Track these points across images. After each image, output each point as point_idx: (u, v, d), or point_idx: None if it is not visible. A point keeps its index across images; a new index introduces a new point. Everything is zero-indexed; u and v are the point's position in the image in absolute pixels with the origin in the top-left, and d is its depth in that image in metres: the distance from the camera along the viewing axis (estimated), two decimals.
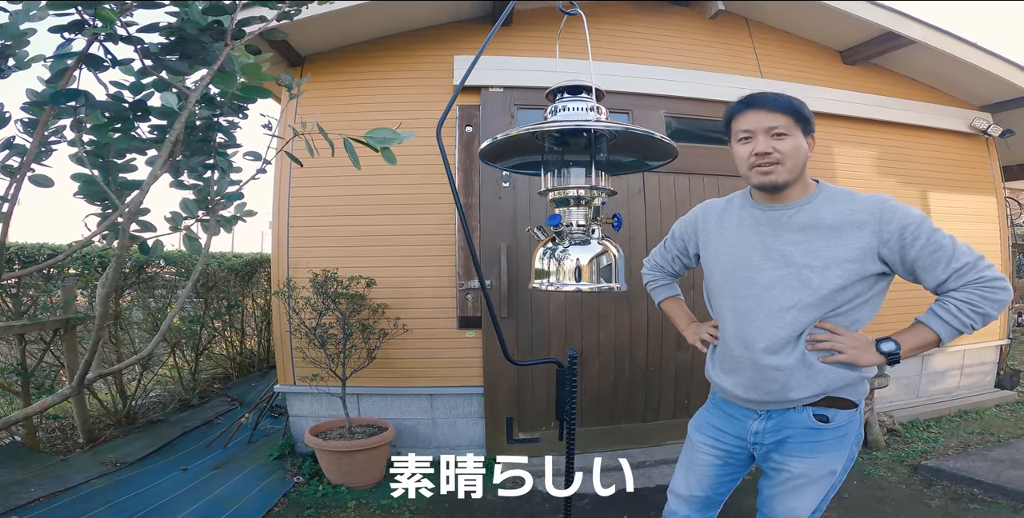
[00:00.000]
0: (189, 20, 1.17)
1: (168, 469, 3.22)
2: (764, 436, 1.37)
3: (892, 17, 3.63)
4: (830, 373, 1.29)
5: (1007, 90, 4.11)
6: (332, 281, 2.92)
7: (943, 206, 4.18)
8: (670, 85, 3.41)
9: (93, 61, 1.15)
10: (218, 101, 1.38)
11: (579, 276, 1.22)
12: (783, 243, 1.32)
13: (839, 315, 1.30)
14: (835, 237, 1.27)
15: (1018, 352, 5.98)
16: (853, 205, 1.29)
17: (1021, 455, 3.19)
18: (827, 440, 1.32)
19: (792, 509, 1.36)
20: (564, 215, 1.26)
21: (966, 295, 1.21)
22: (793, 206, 1.33)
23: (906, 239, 1.22)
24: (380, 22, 3.28)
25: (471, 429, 3.29)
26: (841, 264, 1.26)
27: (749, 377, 1.34)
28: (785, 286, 1.30)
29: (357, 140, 1.36)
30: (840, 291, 1.27)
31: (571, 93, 1.37)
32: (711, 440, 1.48)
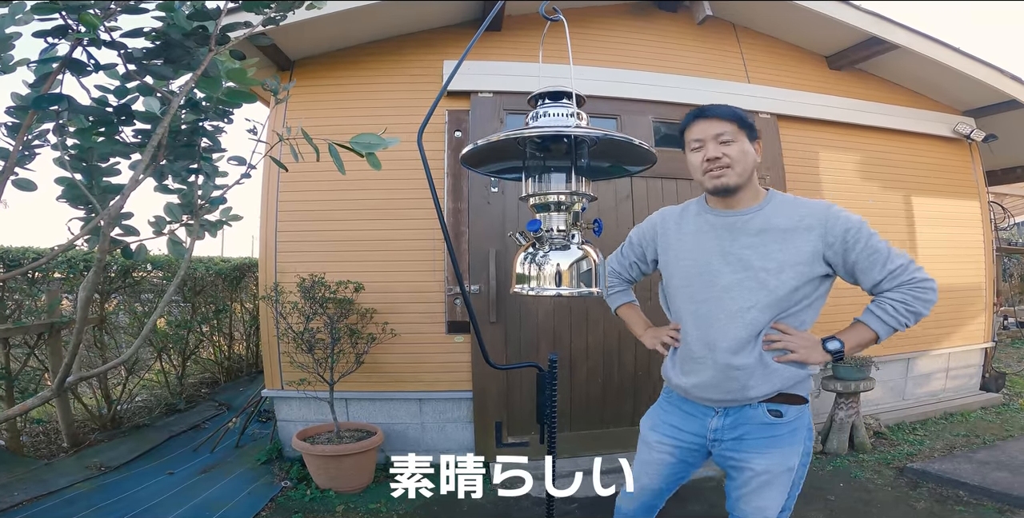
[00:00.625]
0: (174, 25, 1.17)
1: (154, 473, 3.20)
2: (723, 432, 1.43)
3: (876, 22, 3.68)
4: (784, 371, 1.37)
5: (990, 95, 4.17)
6: (320, 286, 2.91)
7: (927, 211, 4.23)
8: (658, 90, 3.44)
9: (76, 66, 1.15)
10: (203, 106, 1.38)
11: (559, 281, 1.22)
12: (740, 247, 1.39)
13: (790, 316, 1.38)
14: (787, 240, 1.36)
15: (1003, 355, 6.05)
16: (803, 211, 1.39)
17: (1006, 457, 3.22)
18: (781, 435, 1.40)
19: (760, 509, 1.42)
20: (544, 220, 1.27)
21: (900, 295, 1.33)
22: (748, 212, 1.41)
23: (848, 242, 1.33)
24: (370, 27, 3.28)
25: (460, 433, 3.28)
26: (794, 266, 1.34)
27: (711, 377, 1.40)
28: (744, 288, 1.37)
29: (342, 145, 1.36)
30: (793, 292, 1.35)
31: (552, 99, 1.37)
32: (668, 439, 1.52)
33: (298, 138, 1.40)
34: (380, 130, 3.03)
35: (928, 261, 4.16)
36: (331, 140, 1.31)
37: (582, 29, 3.59)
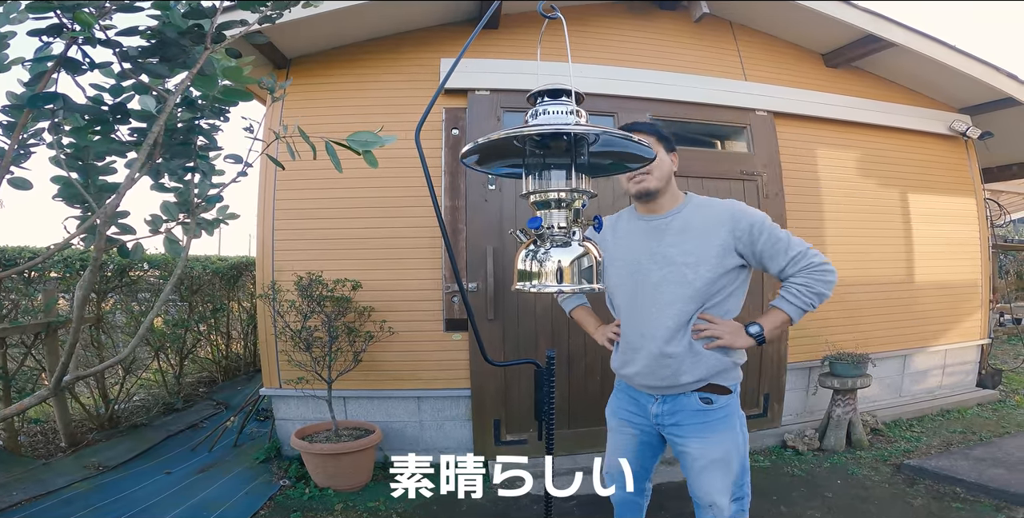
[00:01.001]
0: (169, 24, 1.16)
1: (152, 473, 3.19)
2: (663, 418, 1.60)
3: (873, 20, 3.68)
4: (710, 359, 1.54)
5: (986, 92, 4.18)
6: (317, 284, 2.91)
7: (924, 208, 4.24)
8: (656, 88, 3.44)
9: (71, 64, 1.15)
10: (199, 104, 1.37)
11: (560, 278, 1.22)
12: (665, 246, 1.56)
13: (714, 306, 1.55)
14: (702, 237, 1.53)
15: (999, 351, 6.06)
16: (714, 210, 1.57)
17: (1003, 454, 3.23)
18: (713, 421, 1.55)
19: (707, 493, 1.57)
20: (545, 217, 1.27)
21: (803, 279, 1.50)
22: (669, 215, 1.60)
23: (754, 234, 1.51)
24: (366, 25, 3.27)
25: (459, 431, 3.28)
26: (709, 260, 1.51)
27: (646, 364, 1.56)
28: (670, 282, 1.54)
29: (339, 143, 1.36)
30: (711, 283, 1.52)
31: (551, 97, 1.36)
32: (626, 422, 1.69)
33: (295, 136, 1.40)
34: (377, 128, 3.01)
35: (924, 258, 4.19)
36: (328, 138, 1.30)
37: (580, 27, 3.58)
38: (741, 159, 3.61)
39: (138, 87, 1.24)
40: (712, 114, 3.58)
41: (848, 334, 3.86)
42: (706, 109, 3.54)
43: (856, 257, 3.97)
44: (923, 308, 4.22)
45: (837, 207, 3.93)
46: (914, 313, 4.19)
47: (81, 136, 1.26)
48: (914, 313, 4.19)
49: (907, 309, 4.16)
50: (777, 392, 3.59)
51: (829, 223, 3.90)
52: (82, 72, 1.17)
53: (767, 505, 2.74)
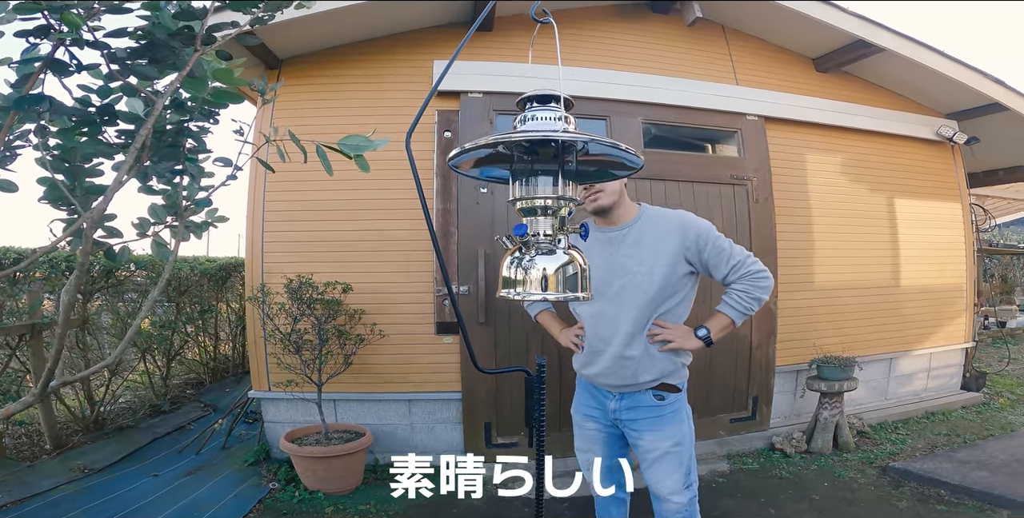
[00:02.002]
0: (159, 24, 1.15)
1: (139, 475, 3.17)
2: (621, 413, 1.73)
3: (862, 25, 3.71)
4: (664, 360, 1.68)
5: (972, 98, 4.23)
6: (307, 287, 2.89)
7: (910, 213, 4.29)
8: (647, 92, 3.45)
9: (58, 66, 1.13)
10: (189, 106, 1.36)
11: (545, 286, 1.22)
12: (621, 257, 1.68)
13: (667, 312, 1.68)
14: (655, 247, 1.66)
15: (984, 354, 6.14)
16: (665, 221, 1.69)
17: (986, 456, 3.27)
18: (665, 415, 1.70)
19: (658, 482, 1.71)
20: (531, 224, 1.27)
21: (743, 286, 1.64)
22: (625, 227, 1.71)
23: (700, 243, 1.64)
24: (359, 25, 3.25)
25: (450, 434, 3.28)
26: (661, 267, 1.64)
27: (607, 366, 1.69)
28: (627, 291, 1.65)
29: (330, 147, 1.35)
30: (665, 289, 1.65)
31: (540, 102, 1.36)
32: (589, 417, 1.82)
33: (285, 139, 1.39)
34: (369, 131, 3.00)
35: (910, 262, 4.24)
36: (319, 141, 1.30)
37: (573, 30, 3.59)
38: (732, 164, 3.63)
39: (126, 89, 1.22)
40: (704, 118, 3.59)
41: (835, 337, 3.90)
42: (698, 113, 3.56)
43: (843, 261, 4.02)
44: (909, 312, 4.27)
45: (825, 211, 3.96)
46: (900, 317, 4.24)
47: (68, 137, 1.25)
48: (900, 317, 4.24)
49: (893, 313, 4.21)
50: (766, 395, 3.62)
51: (817, 227, 3.93)
52: (69, 74, 1.15)
53: (755, 508, 2.77)
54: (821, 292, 3.92)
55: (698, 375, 3.30)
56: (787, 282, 3.72)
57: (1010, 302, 6.67)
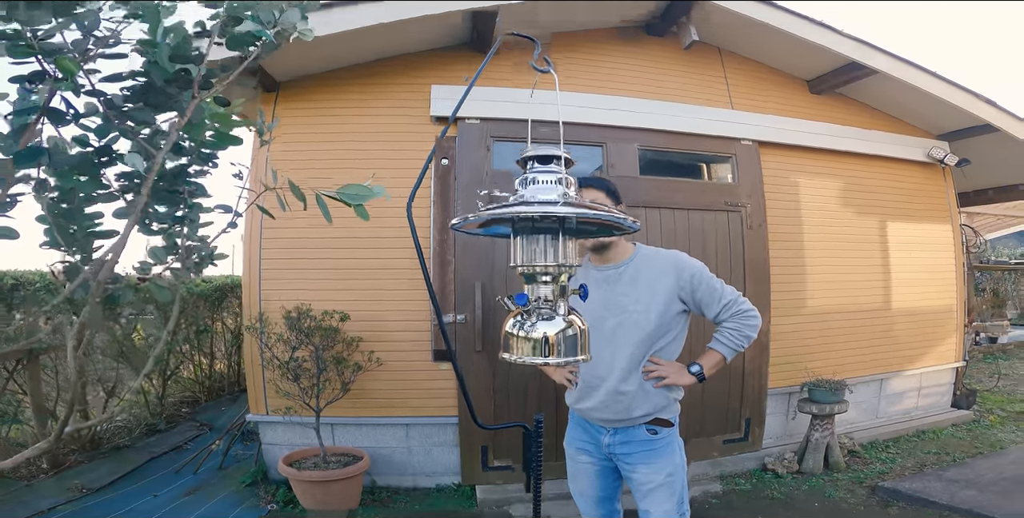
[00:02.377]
0: (155, 64, 1.15)
1: (137, 495, 3.18)
2: (615, 447, 1.76)
3: (857, 47, 3.74)
4: (657, 396, 1.72)
5: (964, 119, 4.26)
6: (305, 317, 2.90)
7: (901, 235, 4.33)
8: (644, 117, 3.47)
9: (55, 115, 1.14)
10: (187, 148, 1.36)
11: (547, 351, 1.25)
12: (617, 295, 1.73)
13: (661, 349, 1.73)
14: (651, 286, 1.71)
15: (975, 370, 6.20)
16: (660, 261, 1.75)
17: (974, 475, 3.31)
18: (658, 449, 1.74)
19: (652, 512, 1.74)
20: (531, 290, 1.30)
21: (734, 324, 1.72)
22: (621, 265, 1.76)
23: (694, 283, 1.70)
24: (357, 49, 3.24)
25: (446, 457, 3.30)
26: (657, 306, 1.69)
27: (602, 400, 1.72)
28: (623, 328, 1.70)
29: (330, 196, 1.36)
30: (660, 327, 1.70)
31: (541, 162, 1.39)
32: (582, 451, 1.84)
33: (284, 188, 1.40)
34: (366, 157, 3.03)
35: (901, 285, 4.29)
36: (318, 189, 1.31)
37: (571, 54, 3.60)
38: (726, 190, 3.66)
39: (124, 131, 1.23)
40: (699, 144, 3.62)
41: (826, 360, 3.94)
42: (693, 139, 3.58)
43: (835, 285, 4.06)
44: (900, 333, 4.32)
45: (817, 236, 4.00)
46: (891, 338, 4.28)
47: (66, 179, 1.25)
48: (891, 338, 4.28)
49: (884, 335, 4.25)
50: (758, 417, 3.66)
51: (809, 252, 3.97)
52: (66, 123, 1.16)
53: None
54: (813, 316, 3.96)
55: (692, 397, 3.33)
56: (780, 307, 3.76)
57: (1002, 316, 6.72)
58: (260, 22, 1.22)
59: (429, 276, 1.26)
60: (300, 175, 3.36)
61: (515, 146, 3.27)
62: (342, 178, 1.22)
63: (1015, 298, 8.11)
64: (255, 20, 1.21)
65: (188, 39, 1.19)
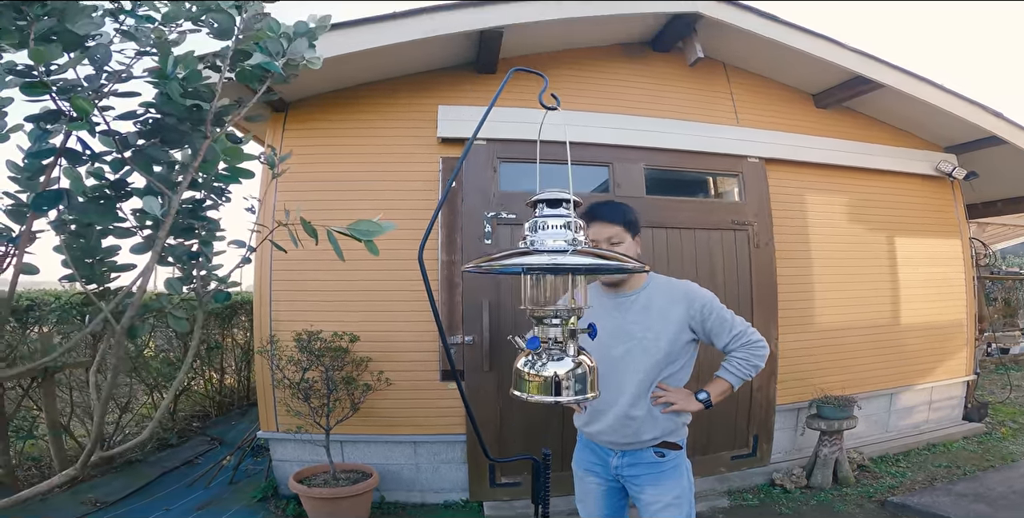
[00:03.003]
0: (166, 97, 1.15)
1: (150, 509, 3.22)
2: (623, 469, 1.79)
3: (862, 61, 3.73)
4: (665, 421, 1.76)
5: (971, 131, 4.23)
6: (316, 339, 2.94)
7: (910, 250, 4.31)
8: (650, 136, 3.47)
9: (71, 156, 1.16)
10: (200, 183, 1.38)
11: (557, 390, 1.28)
12: (628, 323, 1.76)
13: (670, 376, 1.77)
14: (663, 315, 1.74)
15: (987, 381, 6.14)
16: (672, 291, 1.79)
17: (985, 489, 3.29)
18: (666, 471, 1.77)
19: None
20: (541, 332, 1.32)
21: (743, 354, 1.75)
22: (633, 294, 1.79)
23: (705, 313, 1.74)
24: (363, 68, 3.27)
25: (454, 474, 3.33)
26: (668, 335, 1.73)
27: (610, 424, 1.75)
28: (633, 355, 1.74)
29: (341, 232, 1.38)
30: (669, 355, 1.74)
31: (550, 206, 1.40)
32: (591, 472, 1.88)
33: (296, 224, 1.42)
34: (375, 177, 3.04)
35: (911, 300, 4.26)
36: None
37: (578, 72, 3.62)
38: (732, 209, 3.65)
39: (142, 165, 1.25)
40: (705, 162, 3.62)
41: (835, 376, 3.93)
42: (700, 157, 3.58)
43: (844, 302, 4.04)
44: (909, 348, 4.29)
45: (825, 252, 3.99)
46: (901, 353, 4.25)
47: (84, 214, 1.28)
48: (901, 353, 4.25)
49: (894, 350, 4.23)
50: (766, 433, 3.66)
51: (817, 268, 3.96)
52: (83, 162, 1.19)
53: None
54: (822, 332, 3.95)
55: (699, 414, 3.32)
56: (787, 324, 3.75)
57: (1013, 326, 6.65)
58: (268, 53, 1.25)
59: (436, 306, 1.28)
60: (308, 196, 3.39)
61: (523, 167, 3.28)
62: (350, 198, 1.25)
63: None
64: (264, 51, 1.24)
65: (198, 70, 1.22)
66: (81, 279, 1.31)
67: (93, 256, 1.33)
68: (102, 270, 1.34)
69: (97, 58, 1.14)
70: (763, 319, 3.58)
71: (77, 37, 1.08)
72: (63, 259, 1.28)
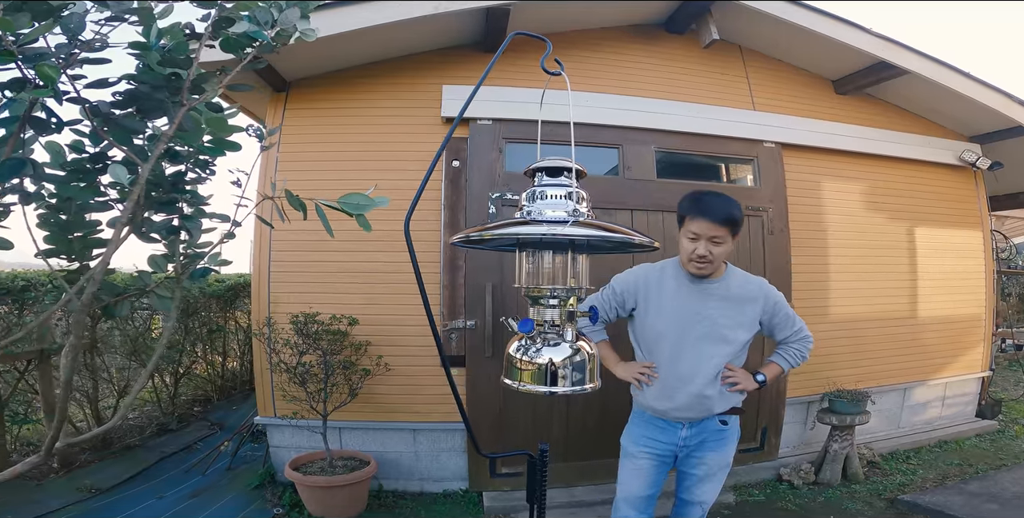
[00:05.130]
0: (146, 70, 1.09)
1: (145, 496, 3.18)
2: (690, 439, 1.93)
3: (886, 47, 3.60)
4: (733, 396, 1.93)
5: (998, 121, 4.10)
6: (312, 322, 2.87)
7: (930, 241, 4.19)
8: (662, 118, 3.37)
9: (38, 124, 1.09)
10: (183, 154, 1.30)
11: (553, 379, 1.18)
12: (710, 309, 1.86)
13: (736, 359, 1.93)
14: (740, 307, 1.89)
15: (1000, 378, 6.02)
16: (750, 286, 1.92)
17: (997, 488, 3.20)
18: (727, 436, 1.96)
19: (705, 493, 1.97)
20: (537, 313, 1.22)
21: (798, 346, 2.00)
22: (715, 282, 1.88)
23: (775, 309, 1.93)
24: (366, 47, 3.18)
25: (455, 462, 3.27)
26: (744, 325, 1.90)
27: (685, 402, 1.87)
28: (711, 339, 1.86)
29: (330, 205, 1.30)
30: (745, 344, 1.92)
31: (550, 175, 1.31)
32: (647, 449, 1.97)
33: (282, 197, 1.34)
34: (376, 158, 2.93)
35: (929, 292, 4.15)
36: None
37: (589, 53, 3.50)
38: (746, 194, 3.53)
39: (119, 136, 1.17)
40: (719, 146, 3.51)
41: (850, 369, 3.83)
42: (713, 141, 3.47)
43: (860, 292, 3.93)
44: (925, 342, 4.18)
45: (842, 241, 3.87)
46: (916, 347, 4.15)
47: (63, 187, 1.21)
48: (916, 347, 4.15)
49: (910, 343, 4.12)
50: (775, 426, 3.57)
51: (833, 258, 3.84)
52: (50, 132, 1.12)
53: None
54: (836, 324, 3.84)
55: None
56: (800, 313, 3.52)
57: None
58: (257, 23, 1.16)
59: (423, 285, 1.20)
60: (310, 176, 3.31)
61: (529, 147, 3.19)
62: (352, 178, 1.16)
63: None
64: (251, 21, 1.15)
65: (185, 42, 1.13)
66: (60, 255, 1.25)
67: (72, 231, 1.26)
68: (81, 247, 1.27)
69: (71, 27, 1.07)
70: None
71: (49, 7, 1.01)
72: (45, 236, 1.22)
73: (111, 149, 1.19)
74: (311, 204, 1.29)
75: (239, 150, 1.40)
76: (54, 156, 1.12)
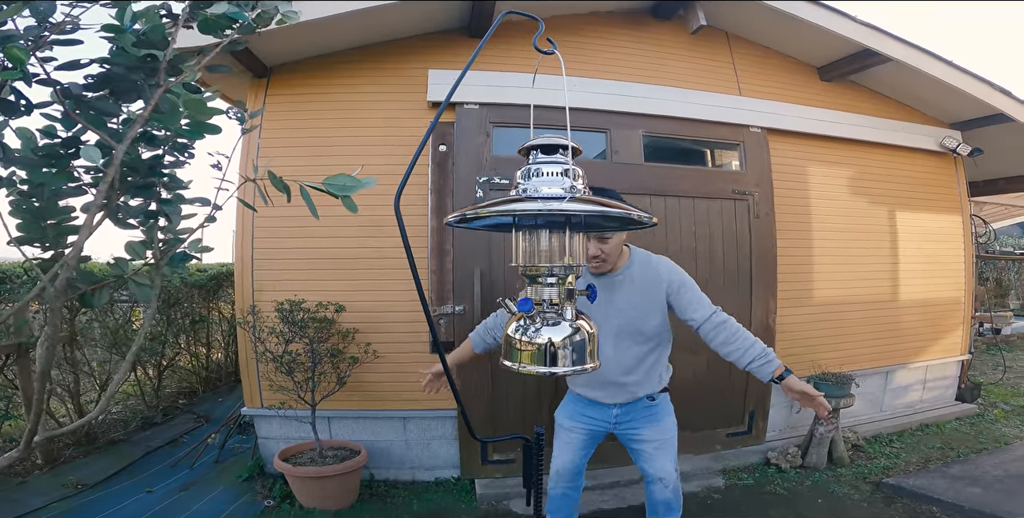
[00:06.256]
0: (120, 52, 1.05)
1: (133, 491, 3.13)
2: (620, 417, 2.03)
3: (871, 34, 3.62)
4: (656, 380, 2.01)
5: (978, 108, 4.15)
6: (298, 309, 2.83)
7: (910, 225, 4.24)
8: (649, 103, 3.36)
9: (7, 107, 1.05)
10: (160, 137, 1.26)
11: (552, 360, 1.17)
12: (618, 300, 1.91)
13: (660, 345, 1.99)
14: (647, 291, 1.91)
15: (978, 361, 6.14)
16: (652, 268, 1.94)
17: (979, 472, 3.27)
18: (656, 412, 2.02)
19: (661, 467, 2.01)
20: (535, 292, 1.21)
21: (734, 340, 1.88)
22: (619, 273, 1.94)
23: (679, 287, 1.92)
24: (349, 32, 3.12)
25: (445, 450, 3.26)
26: (653, 309, 1.92)
27: (611, 391, 1.98)
28: (624, 331, 1.92)
29: (315, 187, 1.26)
30: (657, 327, 1.93)
31: (545, 153, 1.29)
32: (581, 425, 2.07)
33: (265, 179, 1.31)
34: (362, 143, 2.88)
35: (909, 276, 4.21)
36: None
37: (576, 38, 3.48)
38: (733, 178, 3.56)
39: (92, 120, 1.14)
40: (706, 131, 3.51)
41: (833, 352, 3.88)
42: (700, 126, 3.47)
43: (843, 276, 3.98)
44: (907, 325, 4.25)
45: (825, 225, 3.91)
46: (898, 330, 4.22)
47: (35, 173, 1.16)
48: (898, 330, 4.22)
49: (891, 326, 4.18)
50: (762, 409, 3.61)
51: (817, 242, 3.88)
52: (20, 114, 1.08)
53: None
54: (820, 307, 3.89)
55: (695, 390, 3.30)
56: (786, 298, 3.69)
57: (1004, 306, 6.65)
58: (237, 3, 1.12)
59: (416, 269, 1.18)
60: (293, 162, 3.25)
61: (516, 132, 3.17)
62: (337, 164, 1.14)
63: (1018, 288, 8.07)
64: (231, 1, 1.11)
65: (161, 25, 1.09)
66: (33, 243, 1.21)
67: (46, 218, 1.22)
68: (55, 234, 1.23)
69: (41, 10, 1.02)
70: (762, 292, 3.52)
71: None
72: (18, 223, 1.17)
73: (84, 133, 1.15)
74: (295, 186, 1.26)
75: (219, 133, 1.36)
76: (25, 142, 1.09)
